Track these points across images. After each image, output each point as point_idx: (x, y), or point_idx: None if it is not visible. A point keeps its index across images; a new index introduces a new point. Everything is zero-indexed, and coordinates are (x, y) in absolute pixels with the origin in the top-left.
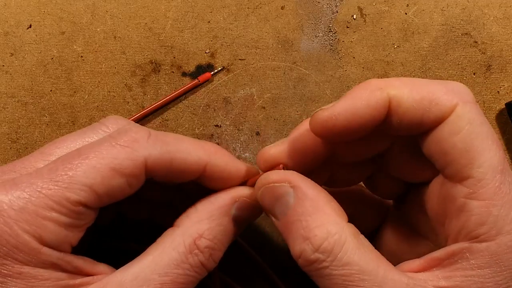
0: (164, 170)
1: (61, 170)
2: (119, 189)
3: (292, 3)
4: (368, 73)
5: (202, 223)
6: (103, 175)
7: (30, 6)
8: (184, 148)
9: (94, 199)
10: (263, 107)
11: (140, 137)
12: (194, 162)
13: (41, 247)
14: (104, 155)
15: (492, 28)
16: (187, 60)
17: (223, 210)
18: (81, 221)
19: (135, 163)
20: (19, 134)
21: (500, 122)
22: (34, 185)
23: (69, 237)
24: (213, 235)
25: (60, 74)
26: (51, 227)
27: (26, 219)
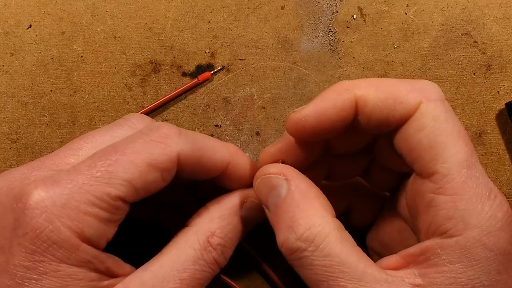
0: (193, 165)
1: (100, 166)
2: (154, 183)
3: (292, 3)
4: (368, 73)
5: (213, 222)
6: (140, 170)
7: (30, 6)
8: (211, 146)
9: (132, 194)
10: (263, 107)
11: (172, 134)
12: (220, 160)
13: (80, 244)
14: (140, 150)
15: (492, 28)
16: (187, 60)
17: (233, 210)
18: (118, 215)
19: (169, 158)
20: (19, 134)
21: (500, 122)
22: (75, 181)
23: (107, 231)
24: (224, 233)
25: (60, 74)
26: (92, 222)
27: (68, 214)
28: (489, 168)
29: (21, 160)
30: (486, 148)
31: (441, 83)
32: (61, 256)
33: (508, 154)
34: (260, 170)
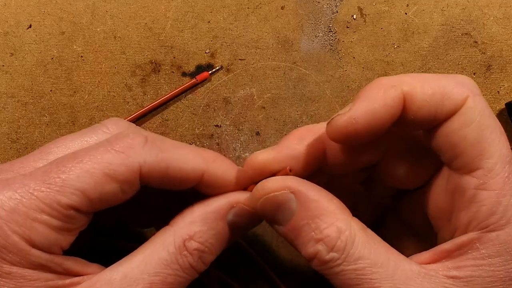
0: (159, 177)
1: (54, 173)
2: (112, 195)
3: (292, 3)
4: (368, 73)
5: (194, 224)
6: (96, 180)
7: (30, 6)
8: (181, 155)
9: (86, 204)
10: (263, 107)
11: (136, 143)
12: (191, 170)
13: (30, 249)
14: (99, 159)
15: (492, 28)
16: (187, 60)
17: (218, 214)
18: (73, 225)
19: (129, 169)
20: (19, 134)
21: (500, 122)
22: (27, 186)
23: (60, 240)
24: (204, 238)
25: (60, 74)
26: (41, 229)
27: (16, 220)
28: None
29: None
30: None
31: None
32: (11, 260)
33: None
34: (259, 188)
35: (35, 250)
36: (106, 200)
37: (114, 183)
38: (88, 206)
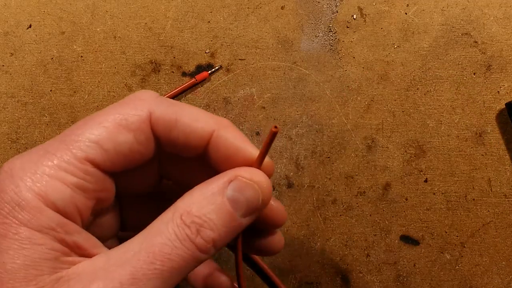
0: (168, 129)
1: (69, 132)
2: (127, 146)
3: (292, 3)
4: (368, 73)
5: (192, 201)
6: (108, 130)
7: (30, 6)
8: (192, 112)
9: (101, 155)
10: (263, 107)
11: (146, 96)
12: (201, 127)
13: (44, 208)
14: (109, 111)
15: (492, 28)
16: (187, 60)
17: (216, 189)
18: (90, 183)
19: (140, 117)
20: (19, 134)
21: (500, 122)
22: (44, 147)
23: (76, 200)
24: (202, 212)
25: (60, 74)
26: (57, 185)
27: (32, 177)
28: (489, 168)
29: None
30: (486, 148)
31: (441, 83)
32: (22, 219)
33: (508, 154)
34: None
35: (49, 210)
36: (122, 151)
37: (128, 132)
38: (105, 158)
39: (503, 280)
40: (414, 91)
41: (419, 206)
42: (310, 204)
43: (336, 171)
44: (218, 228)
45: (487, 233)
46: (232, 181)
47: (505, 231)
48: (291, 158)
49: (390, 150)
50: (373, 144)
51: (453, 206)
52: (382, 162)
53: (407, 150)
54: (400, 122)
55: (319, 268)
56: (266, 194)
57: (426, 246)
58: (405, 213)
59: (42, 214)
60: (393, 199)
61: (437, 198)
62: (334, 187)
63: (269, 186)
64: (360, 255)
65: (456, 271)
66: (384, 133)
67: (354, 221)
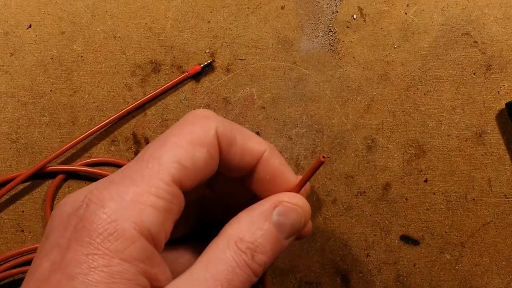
0: (229, 144)
1: (148, 156)
2: (202, 161)
3: (292, 3)
4: (368, 73)
5: (242, 228)
6: (185, 148)
7: (30, 6)
8: (247, 132)
9: (184, 175)
10: (263, 107)
11: (208, 113)
12: (254, 145)
13: (139, 237)
14: (181, 131)
15: (492, 28)
16: (187, 60)
17: (263, 216)
18: (174, 205)
19: (209, 132)
20: (19, 134)
21: (500, 122)
22: (128, 175)
23: (166, 225)
24: (253, 238)
25: (60, 74)
26: (150, 211)
27: (126, 206)
28: (489, 168)
29: (21, 160)
30: (486, 148)
31: (441, 83)
32: (115, 249)
33: (508, 154)
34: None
35: (142, 239)
36: (199, 167)
37: (202, 147)
38: (187, 177)
39: (503, 280)
40: (414, 91)
41: (419, 206)
42: (310, 204)
43: (336, 171)
44: (268, 251)
45: (487, 233)
46: (277, 206)
47: (505, 231)
48: (291, 158)
49: (390, 150)
50: (373, 144)
51: (453, 206)
52: (382, 162)
53: (407, 150)
54: (400, 122)
55: (319, 268)
56: (307, 217)
57: (426, 246)
58: (405, 213)
59: (135, 245)
60: (393, 199)
61: (437, 198)
62: (334, 187)
63: (309, 210)
64: (360, 255)
65: (456, 271)
66: (384, 133)
67: (354, 221)
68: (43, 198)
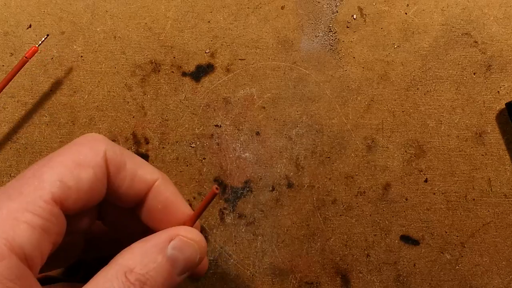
0: (118, 169)
1: (29, 172)
2: (88, 182)
3: (292, 3)
4: (368, 73)
5: (135, 259)
6: (70, 168)
7: (30, 6)
8: (139, 160)
9: (65, 194)
10: (263, 107)
11: (101, 138)
12: (145, 173)
13: (8, 254)
14: (67, 152)
15: (492, 28)
16: (187, 60)
17: (157, 248)
18: (54, 226)
19: (97, 154)
20: (19, 134)
21: (500, 122)
22: (7, 190)
23: (42, 244)
24: (145, 271)
25: (60, 74)
26: (24, 228)
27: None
28: (489, 168)
29: (21, 160)
30: (486, 148)
31: (441, 83)
32: None
33: (508, 154)
34: None
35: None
36: (83, 188)
37: (88, 168)
38: (68, 196)
39: (503, 280)
40: (414, 91)
41: (419, 206)
42: (310, 204)
43: (336, 171)
44: (158, 286)
45: (487, 233)
46: (172, 239)
47: (505, 231)
48: (291, 158)
49: (390, 150)
50: (373, 144)
51: (453, 206)
52: (382, 162)
53: (407, 150)
54: (400, 122)
55: (319, 268)
56: (202, 253)
57: (426, 246)
58: (405, 213)
59: (4, 262)
60: (393, 199)
61: (437, 198)
62: (334, 187)
63: (205, 245)
64: (360, 255)
65: (456, 271)
66: (384, 133)
67: (354, 221)
68: None
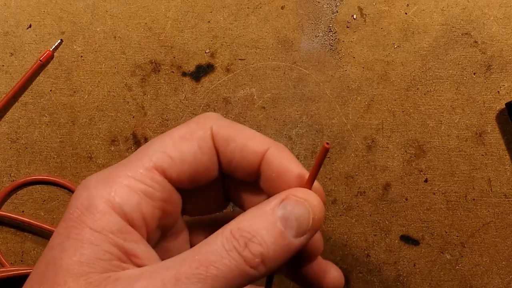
0: (226, 142)
1: (142, 147)
2: (191, 154)
3: (292, 3)
4: (368, 73)
5: (243, 220)
6: (175, 141)
7: (30, 6)
8: (249, 131)
9: (168, 163)
10: (263, 107)
11: (210, 115)
12: (255, 143)
13: (110, 211)
14: (176, 128)
15: (492, 28)
16: (187, 60)
17: (267, 209)
18: (157, 191)
19: (202, 129)
20: (19, 134)
21: (500, 122)
22: (119, 162)
23: (142, 206)
24: (251, 228)
25: (60, 74)
26: (124, 190)
27: (103, 185)
28: (489, 168)
29: (21, 160)
30: (486, 148)
31: (441, 83)
32: (88, 221)
33: (508, 154)
34: None
35: (114, 214)
36: (187, 161)
37: (191, 141)
38: (171, 166)
39: (503, 280)
40: (414, 91)
41: (419, 206)
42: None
43: (336, 171)
44: (268, 244)
45: (487, 233)
46: (284, 200)
47: (505, 231)
48: None
49: (390, 150)
50: (373, 144)
51: (453, 206)
52: (382, 162)
53: (407, 150)
54: (400, 122)
55: None
56: (317, 214)
57: (426, 246)
58: (405, 213)
59: (105, 218)
60: (393, 199)
61: (437, 198)
62: (334, 187)
63: (320, 206)
64: (360, 255)
65: (456, 271)
66: (384, 133)
67: (354, 221)
68: (43, 198)
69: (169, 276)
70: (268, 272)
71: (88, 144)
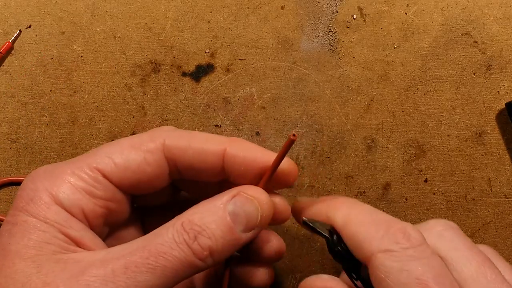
0: (182, 151)
1: (92, 150)
2: (136, 163)
3: (292, 3)
4: (368, 73)
5: (195, 212)
6: (123, 149)
7: (30, 6)
8: (203, 136)
9: (111, 168)
10: (263, 107)
11: (164, 129)
12: (211, 145)
13: (52, 203)
14: (129, 137)
15: (492, 28)
16: (187, 60)
17: (218, 204)
18: (99, 191)
19: (154, 142)
20: (19, 134)
21: (500, 122)
22: (68, 160)
23: (82, 202)
24: (202, 222)
25: (60, 74)
26: (66, 187)
27: (49, 179)
28: (489, 168)
29: (21, 160)
30: (486, 148)
31: (441, 83)
32: (32, 211)
33: (508, 154)
34: None
35: (56, 206)
36: (131, 169)
37: (138, 152)
38: (114, 171)
39: None
40: (414, 91)
41: (419, 206)
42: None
43: (336, 171)
44: (217, 238)
45: (487, 233)
46: (235, 196)
47: (505, 231)
48: (291, 158)
49: (390, 150)
50: (373, 144)
51: (453, 206)
52: (382, 162)
53: (407, 150)
54: (400, 122)
55: (319, 268)
56: (265, 211)
57: None
58: (405, 213)
59: (49, 209)
60: (393, 199)
61: (437, 198)
62: (334, 187)
63: (269, 204)
64: None
65: None
66: (384, 133)
67: None
68: None
69: (119, 264)
70: (215, 263)
71: (88, 144)
